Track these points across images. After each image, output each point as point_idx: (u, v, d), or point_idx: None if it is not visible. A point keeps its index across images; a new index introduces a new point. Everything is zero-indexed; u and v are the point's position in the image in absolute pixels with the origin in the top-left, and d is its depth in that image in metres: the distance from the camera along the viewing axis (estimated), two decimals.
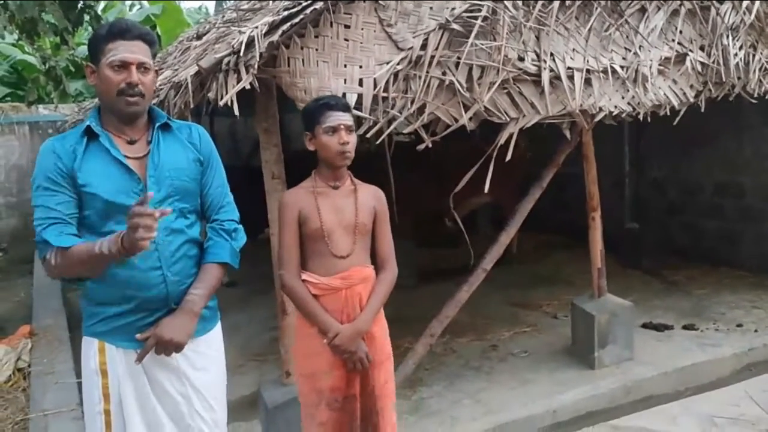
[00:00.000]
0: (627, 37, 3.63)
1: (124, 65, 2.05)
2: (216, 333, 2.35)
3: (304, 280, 2.45)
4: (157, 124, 2.20)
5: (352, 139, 2.43)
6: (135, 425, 2.15)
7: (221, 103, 2.68)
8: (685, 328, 4.80)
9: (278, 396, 3.20)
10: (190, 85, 2.82)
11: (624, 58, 3.62)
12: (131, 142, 2.15)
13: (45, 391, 4.30)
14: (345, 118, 2.41)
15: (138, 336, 2.11)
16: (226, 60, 2.69)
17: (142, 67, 2.08)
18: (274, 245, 3.17)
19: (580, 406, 3.81)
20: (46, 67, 6.86)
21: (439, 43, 3.04)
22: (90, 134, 2.12)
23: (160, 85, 3.54)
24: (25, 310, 6.54)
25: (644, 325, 4.82)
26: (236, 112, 2.67)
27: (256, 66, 2.68)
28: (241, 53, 2.68)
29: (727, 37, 3.88)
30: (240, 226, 2.35)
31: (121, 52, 2.05)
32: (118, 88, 2.06)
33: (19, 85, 11.11)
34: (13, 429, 4.10)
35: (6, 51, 11.23)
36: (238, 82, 2.68)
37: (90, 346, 2.16)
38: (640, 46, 3.65)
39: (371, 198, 2.53)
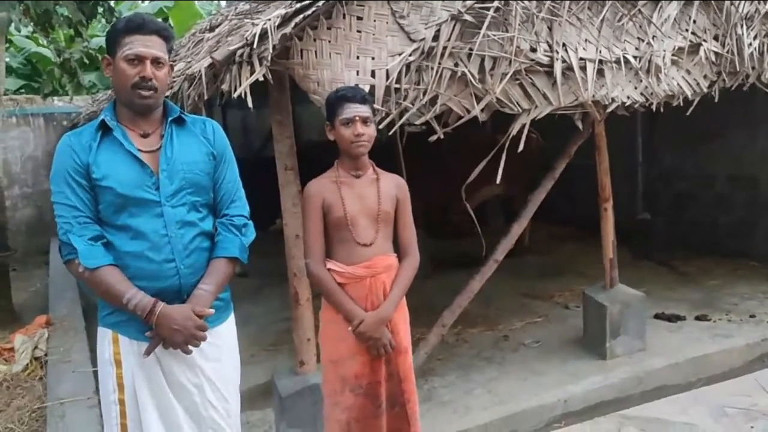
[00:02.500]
0: (640, 27, 3.61)
1: (138, 59, 2.08)
2: (229, 324, 2.38)
3: (329, 269, 2.50)
4: (171, 118, 2.22)
5: (369, 131, 2.47)
6: (149, 415, 2.18)
7: (235, 95, 2.70)
8: (697, 318, 4.79)
9: (291, 385, 3.23)
10: (203, 77, 2.84)
11: (637, 49, 3.60)
12: (145, 136, 2.18)
13: (61, 379, 4.36)
14: (361, 110, 2.44)
15: (147, 334, 2.13)
16: (239, 52, 2.71)
17: (156, 61, 2.11)
18: (287, 236, 3.20)
19: (592, 397, 3.82)
20: (60, 59, 6.91)
21: (451, 34, 3.04)
22: (105, 128, 2.15)
23: (174, 77, 3.56)
24: (41, 300, 6.62)
25: (656, 316, 4.82)
26: (250, 104, 2.69)
27: (269, 58, 2.69)
28: (255, 45, 2.69)
29: (742, 26, 3.85)
30: (250, 222, 2.37)
31: (137, 47, 2.08)
32: (132, 82, 2.09)
33: (34, 77, 11.20)
34: (30, 417, 4.17)
35: (21, 43, 11.30)
36: (251, 75, 2.70)
37: (104, 336, 2.20)
38: (653, 36, 3.63)
39: (393, 186, 2.58)
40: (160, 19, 2.26)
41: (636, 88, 3.59)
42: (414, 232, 2.63)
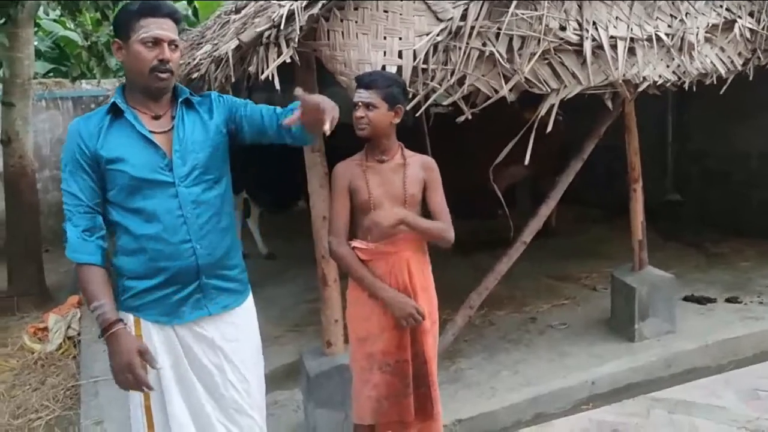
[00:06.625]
0: (673, 3, 3.53)
1: (156, 42, 2.07)
2: (248, 305, 2.39)
3: (354, 248, 2.53)
4: (180, 99, 2.22)
5: (370, 114, 2.45)
6: (173, 396, 2.21)
7: (262, 77, 2.70)
8: (728, 301, 4.72)
9: (319, 365, 3.25)
10: (230, 59, 2.84)
11: (669, 26, 3.52)
12: (156, 118, 2.17)
13: (94, 358, 4.45)
14: (363, 96, 2.45)
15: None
16: (266, 34, 2.69)
17: (172, 44, 2.11)
18: (314, 218, 3.21)
19: (619, 379, 3.80)
20: (87, 42, 6.97)
21: (479, 14, 3.00)
22: (116, 111, 2.14)
23: (200, 59, 3.57)
24: (73, 281, 6.74)
25: (686, 298, 4.76)
26: (277, 86, 2.69)
27: (296, 39, 2.68)
28: (281, 27, 2.68)
29: None
30: None
31: (154, 29, 2.07)
32: (150, 65, 2.08)
33: (62, 60, 11.29)
34: (64, 395, 4.27)
35: (49, 27, 11.39)
36: (278, 56, 2.69)
37: (125, 320, 2.19)
38: (686, 13, 3.54)
39: (420, 169, 2.58)
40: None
41: (668, 66, 3.52)
42: (444, 206, 2.60)
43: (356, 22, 2.87)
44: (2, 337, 5.34)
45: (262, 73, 2.69)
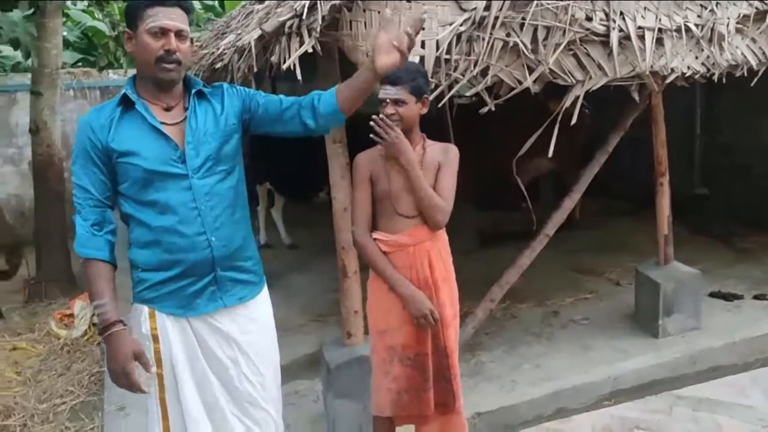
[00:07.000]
0: None
1: (163, 32, 2.04)
2: (263, 296, 2.38)
3: (375, 239, 2.55)
4: (193, 91, 2.20)
5: (401, 110, 2.46)
6: (187, 388, 2.21)
7: (284, 67, 2.69)
8: (756, 297, 4.62)
9: (339, 356, 3.26)
10: (253, 49, 2.84)
11: (699, 16, 3.45)
12: (167, 109, 2.15)
13: None
14: (391, 92, 2.45)
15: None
16: (288, 23, 2.70)
17: (180, 34, 2.07)
18: (335, 209, 3.20)
19: (643, 375, 3.75)
20: (114, 32, 7.03)
21: (503, 4, 2.96)
22: (127, 103, 2.12)
23: (223, 49, 3.58)
24: None
25: (712, 294, 4.67)
26: (299, 76, 2.68)
27: (318, 29, 2.67)
28: (304, 16, 2.68)
29: None
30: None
31: (161, 19, 2.04)
32: (156, 55, 2.05)
33: (90, 50, 11.40)
34: (89, 380, 4.34)
35: (78, 17, 11.50)
36: (300, 46, 2.68)
37: (140, 312, 2.20)
38: (717, 3, 3.47)
39: (437, 155, 2.58)
40: None
41: (697, 57, 3.45)
42: (450, 192, 2.56)
43: (379, 12, 2.85)
44: (30, 323, 5.43)
45: (284, 62, 2.69)
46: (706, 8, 3.46)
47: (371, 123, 2.43)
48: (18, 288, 6.14)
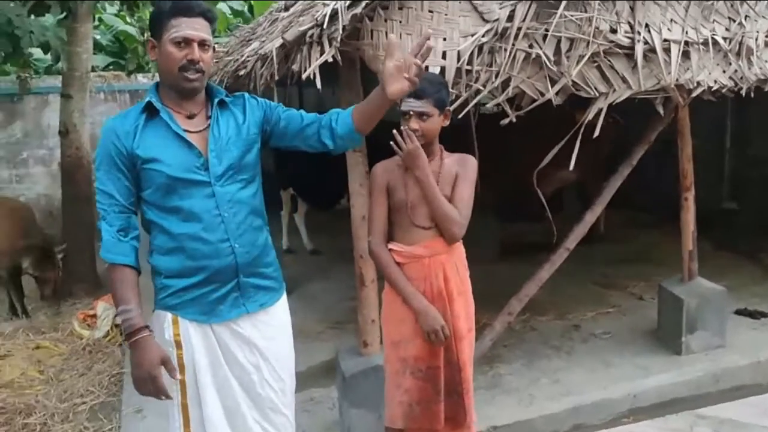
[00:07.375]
0: (731, 6, 3.39)
1: (186, 42, 2.06)
2: (283, 302, 2.40)
3: (390, 249, 2.54)
4: (216, 100, 2.22)
5: (425, 125, 2.45)
6: (208, 394, 2.22)
7: (304, 76, 2.71)
8: None
9: (355, 365, 3.25)
10: (275, 57, 2.86)
11: (727, 29, 3.39)
12: (190, 117, 2.17)
13: None
14: (416, 105, 2.43)
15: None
16: (309, 33, 2.71)
17: (203, 44, 2.09)
18: (354, 217, 3.20)
19: (664, 392, 3.68)
20: (144, 37, 7.13)
21: (526, 15, 2.95)
22: (151, 110, 2.14)
23: (247, 56, 3.60)
24: None
25: (738, 312, 4.58)
26: (318, 85, 2.69)
27: (339, 39, 2.68)
28: (325, 26, 2.68)
29: None
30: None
31: (184, 29, 2.06)
32: (179, 65, 2.07)
33: (121, 54, 11.57)
34: (109, 381, 4.39)
35: (110, 21, 11.70)
36: (321, 55, 2.69)
37: (163, 318, 2.21)
38: (746, 16, 3.41)
39: (454, 166, 2.56)
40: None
41: (724, 71, 3.39)
42: (467, 204, 2.53)
43: (400, 21, 2.86)
44: (54, 322, 5.51)
45: (305, 71, 2.70)
46: (734, 21, 3.40)
47: (394, 133, 2.42)
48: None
